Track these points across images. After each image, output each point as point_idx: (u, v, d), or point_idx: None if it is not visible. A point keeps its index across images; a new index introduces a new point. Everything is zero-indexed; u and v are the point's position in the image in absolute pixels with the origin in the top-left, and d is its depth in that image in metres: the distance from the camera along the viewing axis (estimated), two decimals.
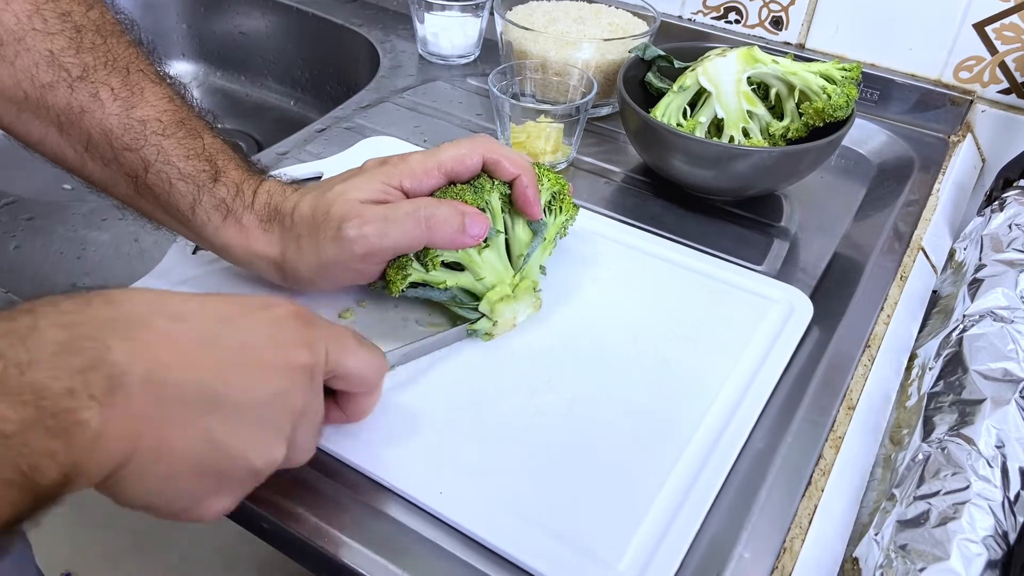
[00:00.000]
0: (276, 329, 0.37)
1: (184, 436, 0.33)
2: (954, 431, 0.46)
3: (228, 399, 0.34)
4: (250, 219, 0.49)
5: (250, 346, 0.35)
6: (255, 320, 0.37)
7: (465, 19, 0.88)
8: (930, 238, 0.68)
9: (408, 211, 0.47)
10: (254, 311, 0.37)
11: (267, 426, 0.36)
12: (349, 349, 0.40)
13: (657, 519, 0.42)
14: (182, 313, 0.34)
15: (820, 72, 0.66)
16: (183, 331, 0.33)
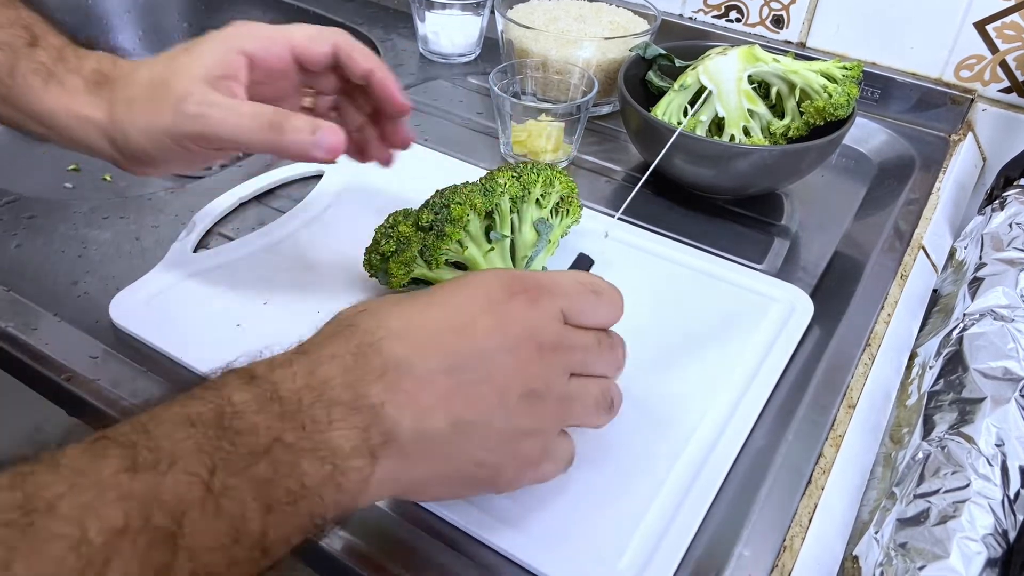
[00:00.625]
0: (509, 326, 0.36)
1: (451, 464, 0.35)
2: (954, 429, 0.46)
3: (484, 426, 0.35)
4: (75, 82, 0.47)
5: (493, 363, 0.35)
6: (488, 323, 0.36)
7: (466, 18, 0.88)
8: (931, 237, 0.68)
9: (257, 110, 0.45)
10: (483, 312, 0.36)
11: (530, 436, 0.37)
12: (588, 306, 0.39)
13: (657, 518, 0.42)
14: (430, 341, 0.35)
15: (821, 71, 0.66)
16: (435, 368, 0.34)
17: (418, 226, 0.51)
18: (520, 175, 0.54)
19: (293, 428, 0.30)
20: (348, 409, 0.32)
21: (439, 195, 0.53)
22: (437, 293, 0.38)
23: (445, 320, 0.36)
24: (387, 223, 0.53)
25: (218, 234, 0.62)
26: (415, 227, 0.51)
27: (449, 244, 0.50)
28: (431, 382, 0.34)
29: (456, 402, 0.34)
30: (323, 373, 0.32)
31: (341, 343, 0.34)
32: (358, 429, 0.32)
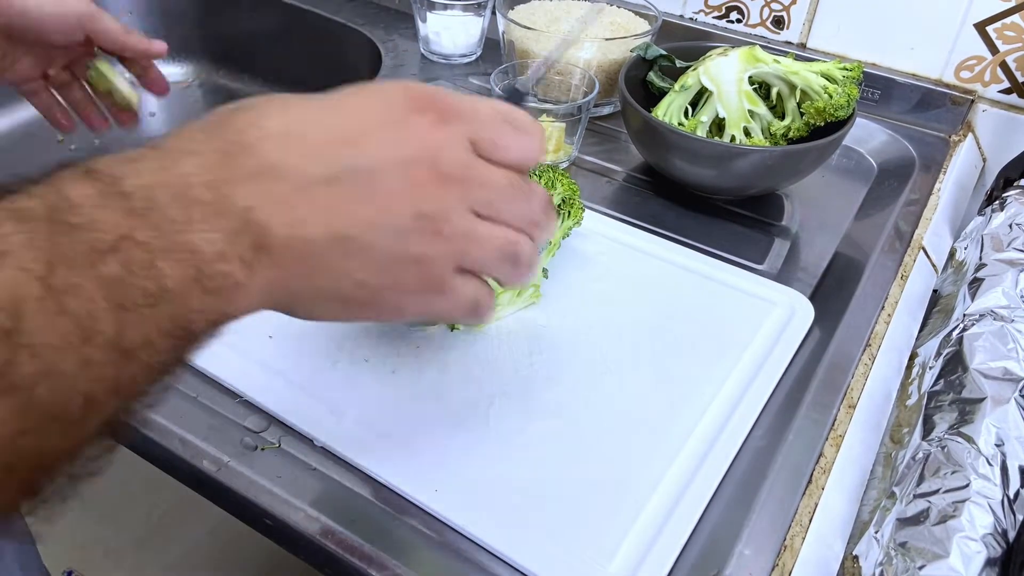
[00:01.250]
0: (409, 142, 0.32)
1: (329, 280, 0.32)
2: (954, 429, 0.46)
3: (366, 243, 0.32)
4: None
5: (382, 176, 0.32)
6: (385, 136, 0.32)
7: (467, 18, 0.88)
8: (931, 237, 0.68)
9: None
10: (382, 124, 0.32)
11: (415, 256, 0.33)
12: (502, 137, 0.35)
13: (651, 520, 0.43)
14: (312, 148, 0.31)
15: (821, 72, 0.66)
16: (315, 174, 0.31)
17: None
18: None
19: (144, 226, 0.27)
20: (210, 211, 0.29)
21: None
22: (332, 97, 0.33)
23: (334, 127, 0.32)
24: None
25: None
26: None
27: None
28: (308, 191, 0.31)
29: (335, 214, 0.31)
30: (180, 169, 0.29)
31: (205, 140, 0.30)
32: (223, 232, 0.29)
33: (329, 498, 0.43)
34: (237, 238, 0.29)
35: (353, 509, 0.43)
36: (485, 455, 0.45)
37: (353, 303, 0.33)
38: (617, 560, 0.41)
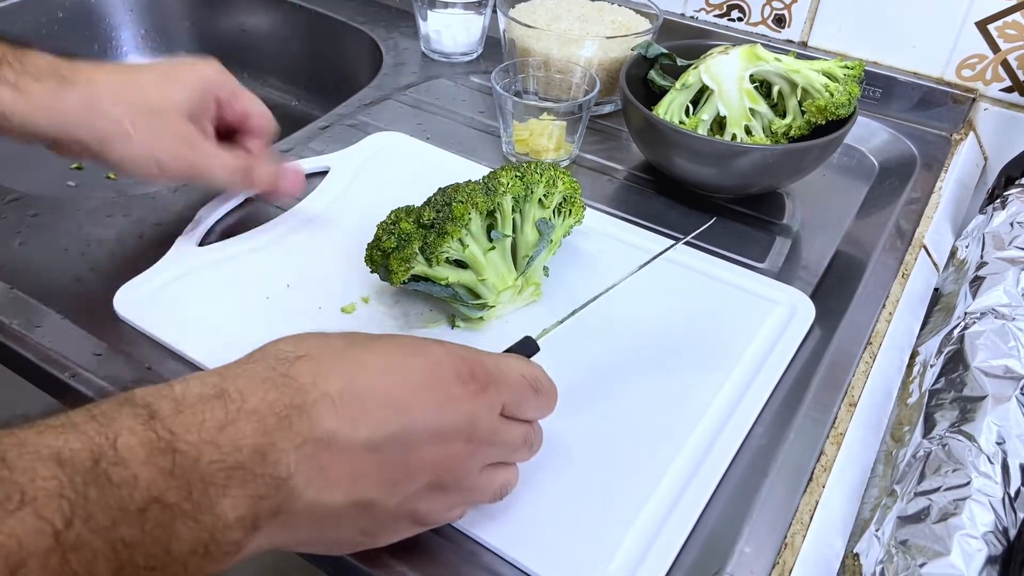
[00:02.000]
0: (447, 412, 0.35)
1: (336, 532, 0.34)
2: (955, 428, 0.46)
3: (382, 505, 0.34)
4: (27, 84, 0.48)
5: (414, 445, 0.34)
6: (427, 404, 0.34)
7: (468, 16, 0.88)
8: (932, 236, 0.68)
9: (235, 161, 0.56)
10: (427, 390, 0.34)
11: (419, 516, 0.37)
12: (526, 404, 0.39)
13: (651, 518, 0.43)
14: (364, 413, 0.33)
15: (822, 70, 0.66)
16: (360, 441, 0.32)
17: (420, 223, 0.52)
18: (523, 175, 0.54)
19: (178, 489, 0.27)
20: (250, 474, 0.29)
21: (441, 193, 0.53)
22: (387, 353, 0.35)
23: (387, 388, 0.33)
24: (389, 219, 0.53)
25: (220, 231, 0.62)
26: (416, 224, 0.52)
27: (450, 242, 0.50)
28: (350, 457, 0.32)
29: (365, 480, 0.33)
30: (236, 431, 0.29)
31: (268, 395, 0.31)
32: (251, 497, 0.29)
33: None
34: (262, 504, 0.30)
35: None
36: None
37: (350, 545, 0.37)
38: (617, 558, 0.41)
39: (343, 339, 0.35)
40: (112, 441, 0.27)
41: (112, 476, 0.26)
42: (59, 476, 0.25)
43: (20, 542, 0.24)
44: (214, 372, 0.32)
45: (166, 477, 0.27)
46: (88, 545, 0.25)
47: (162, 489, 0.27)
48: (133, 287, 0.54)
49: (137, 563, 0.26)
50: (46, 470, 0.25)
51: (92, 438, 0.27)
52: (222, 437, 0.29)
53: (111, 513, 0.26)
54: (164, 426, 0.28)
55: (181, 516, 0.27)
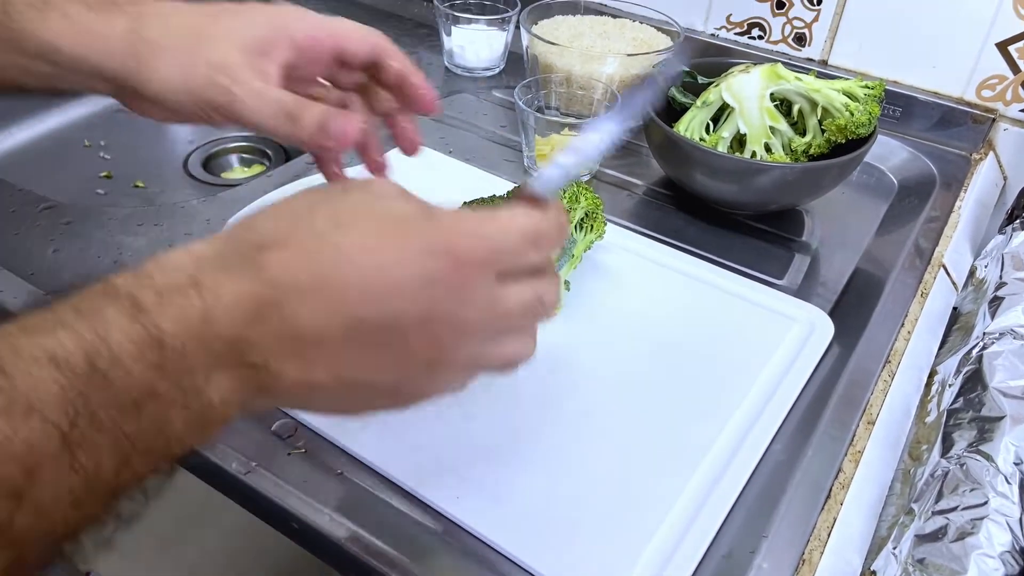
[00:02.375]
0: (428, 297, 0.32)
1: (320, 403, 0.35)
2: (973, 447, 0.46)
3: (366, 383, 0.33)
4: (76, 9, 0.44)
5: (398, 330, 0.32)
6: (408, 292, 0.32)
7: (491, 33, 0.90)
8: (951, 255, 0.68)
9: (280, 99, 0.44)
10: (409, 278, 0.32)
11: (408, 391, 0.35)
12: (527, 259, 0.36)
13: (670, 531, 0.43)
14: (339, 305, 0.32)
15: (843, 89, 0.67)
16: (335, 330, 0.32)
17: None
18: None
19: (167, 380, 0.29)
20: (229, 364, 0.30)
21: (467, 207, 0.54)
22: (367, 234, 0.33)
23: (363, 280, 0.32)
24: None
25: None
26: None
27: None
28: (326, 344, 0.32)
29: (346, 361, 0.32)
30: (214, 324, 0.30)
31: (241, 287, 0.31)
32: (234, 381, 0.31)
33: (354, 503, 0.44)
34: (245, 385, 0.31)
35: (377, 514, 0.44)
36: (506, 464, 0.46)
37: (343, 414, 0.36)
38: (636, 571, 0.41)
39: (324, 216, 0.33)
40: (103, 338, 0.27)
41: (108, 375, 0.27)
42: (59, 380, 0.26)
43: (32, 446, 0.25)
44: (187, 255, 0.31)
45: (157, 371, 0.28)
46: (92, 441, 0.27)
47: (154, 382, 0.28)
48: None
49: (138, 449, 0.28)
50: (45, 373, 0.26)
51: (84, 336, 0.27)
52: (203, 329, 0.29)
53: (110, 411, 0.27)
54: (150, 320, 0.29)
55: (173, 405, 0.29)
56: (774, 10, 0.87)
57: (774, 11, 0.87)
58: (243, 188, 0.69)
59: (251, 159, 1.01)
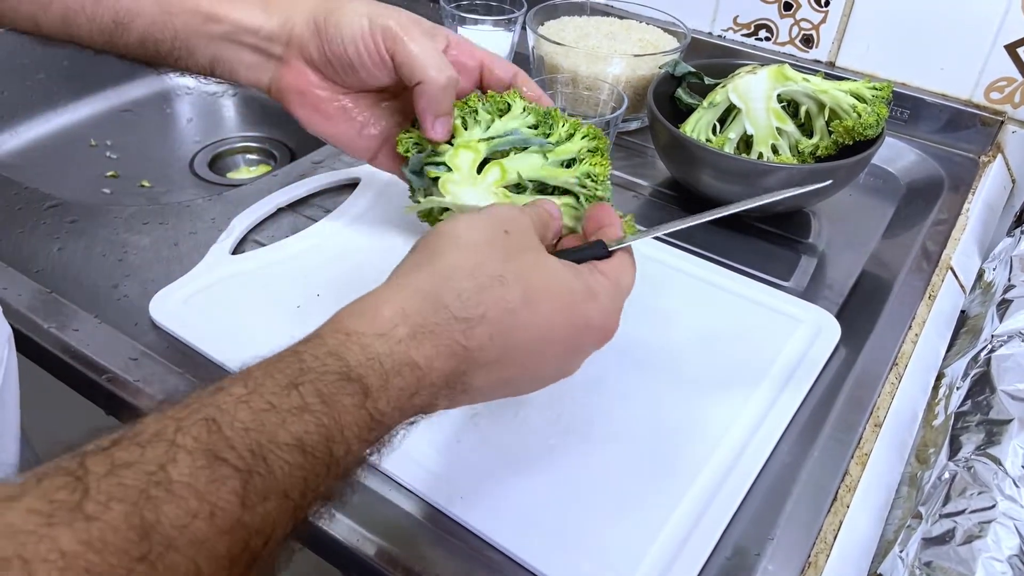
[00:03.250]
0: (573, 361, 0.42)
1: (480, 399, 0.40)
2: (981, 450, 0.46)
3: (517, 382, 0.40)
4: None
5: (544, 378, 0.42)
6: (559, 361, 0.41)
7: (497, 33, 0.90)
8: (959, 258, 0.68)
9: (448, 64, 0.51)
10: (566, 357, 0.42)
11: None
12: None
13: (675, 533, 0.43)
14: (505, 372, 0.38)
15: (850, 91, 0.67)
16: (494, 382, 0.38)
17: None
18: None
19: (375, 448, 0.34)
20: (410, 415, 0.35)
21: None
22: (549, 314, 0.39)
23: (534, 362, 0.39)
24: None
25: (253, 240, 0.63)
26: None
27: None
28: (486, 392, 0.39)
29: (494, 393, 0.40)
30: (418, 400, 0.35)
31: (446, 367, 0.35)
32: (406, 422, 0.35)
33: (357, 502, 0.44)
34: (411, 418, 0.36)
35: (380, 514, 0.44)
36: (511, 465, 0.46)
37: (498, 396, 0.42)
38: (641, 572, 0.41)
39: (518, 289, 0.38)
40: (339, 424, 0.31)
41: (337, 455, 0.31)
42: (304, 466, 0.29)
43: (275, 524, 0.28)
44: (403, 319, 0.35)
45: (369, 445, 0.33)
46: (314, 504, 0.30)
47: (364, 447, 0.33)
48: (168, 293, 0.55)
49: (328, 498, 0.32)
50: (295, 459, 0.29)
51: (324, 423, 0.31)
52: (409, 405, 0.34)
53: (332, 483, 0.31)
54: (375, 406, 0.33)
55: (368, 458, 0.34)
56: (781, 11, 0.86)
57: (781, 12, 0.86)
58: (248, 188, 0.69)
59: (256, 159, 1.01)
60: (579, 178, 0.52)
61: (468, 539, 0.43)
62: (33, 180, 0.70)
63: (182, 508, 0.25)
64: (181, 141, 1.01)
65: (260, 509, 0.27)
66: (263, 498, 0.27)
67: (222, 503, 0.26)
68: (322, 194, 0.69)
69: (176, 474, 0.26)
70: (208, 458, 0.26)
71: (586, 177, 0.52)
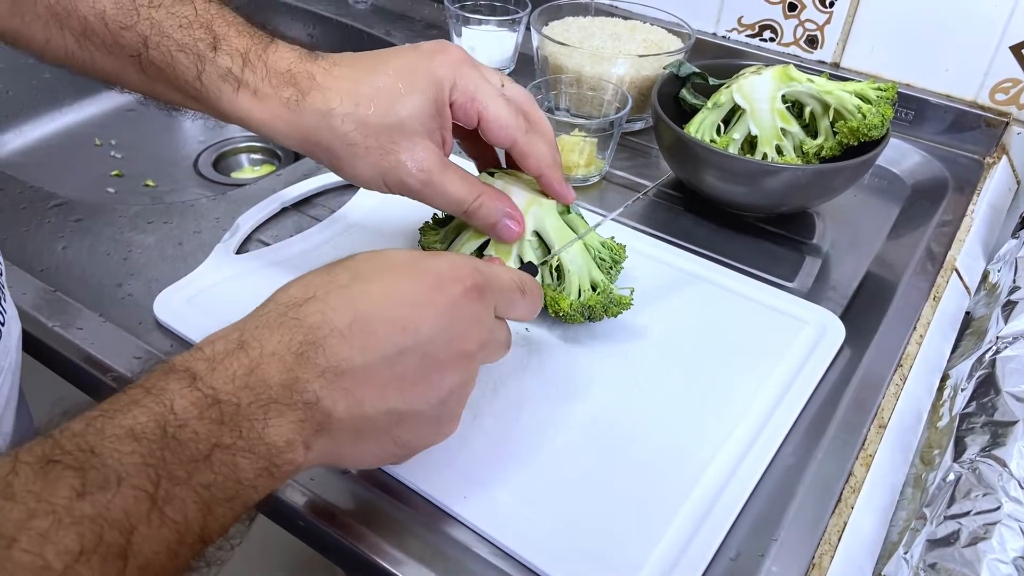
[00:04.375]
0: (452, 320, 0.38)
1: (375, 445, 0.38)
2: (986, 452, 0.46)
3: (412, 412, 0.38)
4: (267, 91, 0.48)
5: (432, 355, 0.38)
6: (433, 318, 0.38)
7: (501, 33, 0.90)
8: (964, 259, 0.68)
9: (462, 193, 0.49)
10: (431, 305, 0.38)
11: (446, 415, 0.41)
12: (514, 303, 0.43)
13: (679, 533, 0.43)
14: (373, 338, 0.36)
15: (855, 91, 0.66)
16: (375, 361, 0.36)
17: None
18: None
19: (231, 431, 0.32)
20: (284, 406, 0.34)
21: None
22: (389, 279, 0.38)
23: (393, 313, 0.37)
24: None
25: (257, 240, 0.63)
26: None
27: None
28: (369, 375, 0.36)
29: (391, 392, 0.37)
30: (262, 373, 0.34)
31: (283, 337, 0.35)
32: (293, 423, 0.34)
33: (361, 501, 0.44)
34: (304, 426, 0.34)
35: (384, 513, 0.44)
36: (514, 465, 0.46)
37: (391, 456, 0.40)
38: (644, 573, 0.41)
39: (347, 272, 0.38)
40: (170, 407, 0.31)
41: (178, 436, 0.31)
42: (138, 450, 0.30)
43: (127, 512, 0.29)
44: (234, 327, 0.36)
45: (218, 425, 0.32)
46: (176, 496, 0.30)
47: (218, 436, 0.32)
48: (172, 292, 0.56)
49: (217, 497, 0.31)
50: (127, 447, 0.30)
51: (154, 409, 0.31)
52: (252, 380, 0.33)
53: (186, 466, 0.31)
54: (205, 384, 0.33)
55: (239, 452, 0.32)
56: (786, 12, 0.86)
57: (786, 13, 0.86)
58: (253, 187, 0.69)
59: (261, 159, 1.01)
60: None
61: (471, 539, 0.43)
62: (38, 179, 0.70)
63: (22, 509, 0.27)
64: (185, 140, 1.02)
65: (102, 499, 0.28)
66: (101, 487, 0.28)
67: (61, 500, 0.27)
68: (326, 194, 0.69)
69: (18, 484, 0.28)
70: (43, 463, 0.28)
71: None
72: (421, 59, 0.49)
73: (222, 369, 0.33)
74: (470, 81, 0.49)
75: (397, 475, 0.45)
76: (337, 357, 0.35)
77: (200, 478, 0.31)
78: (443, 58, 0.49)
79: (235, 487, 0.32)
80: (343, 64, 0.49)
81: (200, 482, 0.31)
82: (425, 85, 0.48)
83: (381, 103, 0.47)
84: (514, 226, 0.51)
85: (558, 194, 0.53)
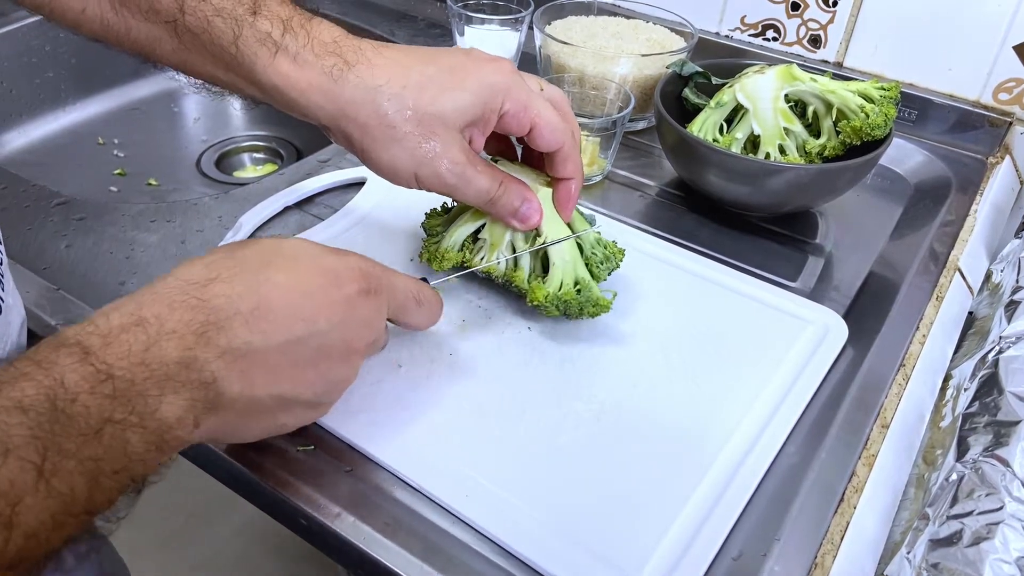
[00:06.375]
0: (346, 317, 0.40)
1: (255, 425, 0.40)
2: (988, 452, 0.46)
3: (299, 400, 0.40)
4: (308, 58, 0.46)
5: (324, 347, 0.40)
6: (330, 312, 0.40)
7: (504, 32, 0.90)
8: (967, 259, 0.68)
9: (485, 185, 0.49)
10: (329, 299, 0.40)
11: (325, 405, 0.44)
12: (408, 311, 0.46)
13: (681, 532, 0.43)
14: (274, 324, 0.38)
15: (858, 91, 0.66)
16: (272, 345, 0.37)
17: None
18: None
19: (123, 406, 0.33)
20: (179, 384, 0.34)
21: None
22: (293, 269, 0.39)
23: (295, 302, 0.39)
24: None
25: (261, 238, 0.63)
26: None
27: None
28: (266, 360, 0.37)
29: (282, 377, 0.38)
30: (159, 351, 0.34)
31: (184, 316, 0.35)
32: (187, 401, 0.35)
33: (362, 500, 0.44)
34: (196, 404, 0.35)
35: (386, 512, 0.44)
36: (516, 463, 0.46)
37: (276, 432, 0.42)
38: (647, 572, 0.41)
39: (255, 255, 0.39)
40: (60, 381, 0.32)
41: (68, 411, 0.31)
42: (26, 423, 0.30)
43: (12, 483, 0.29)
44: (129, 300, 0.36)
45: (110, 400, 0.32)
46: (63, 469, 0.30)
47: (110, 411, 0.32)
48: None
49: (105, 471, 0.32)
50: (15, 419, 0.30)
51: (43, 382, 0.31)
52: (149, 357, 0.34)
53: (75, 440, 0.31)
54: (99, 359, 0.33)
55: (131, 427, 0.33)
56: (789, 11, 0.86)
57: (789, 12, 0.86)
58: (255, 186, 0.69)
59: (263, 158, 1.01)
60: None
61: (473, 537, 0.43)
62: (41, 178, 0.70)
63: None
64: (188, 140, 1.02)
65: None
66: None
67: None
68: (328, 193, 0.69)
69: None
70: None
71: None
72: (472, 62, 0.48)
73: (117, 344, 0.33)
74: (522, 91, 0.49)
75: (399, 472, 0.45)
76: (239, 339, 0.36)
77: (89, 451, 0.31)
78: (496, 66, 0.49)
79: (124, 461, 0.33)
80: (392, 48, 0.49)
81: (88, 455, 0.31)
82: (476, 87, 0.47)
83: (428, 91, 0.47)
84: (535, 212, 0.52)
85: (569, 202, 0.53)
